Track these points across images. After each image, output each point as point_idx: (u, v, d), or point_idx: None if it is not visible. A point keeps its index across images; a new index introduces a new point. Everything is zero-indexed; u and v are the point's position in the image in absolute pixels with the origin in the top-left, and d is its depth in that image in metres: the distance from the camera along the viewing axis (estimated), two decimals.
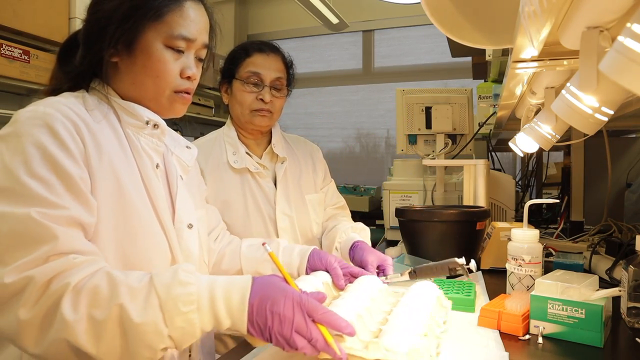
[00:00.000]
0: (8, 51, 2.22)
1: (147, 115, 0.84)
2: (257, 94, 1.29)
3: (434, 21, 0.95)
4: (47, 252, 0.63)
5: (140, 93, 0.83)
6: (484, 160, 1.69)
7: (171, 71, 0.82)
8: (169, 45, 0.82)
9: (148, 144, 0.85)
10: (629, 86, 0.42)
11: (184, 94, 0.85)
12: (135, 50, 0.81)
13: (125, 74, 0.83)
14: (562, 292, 0.87)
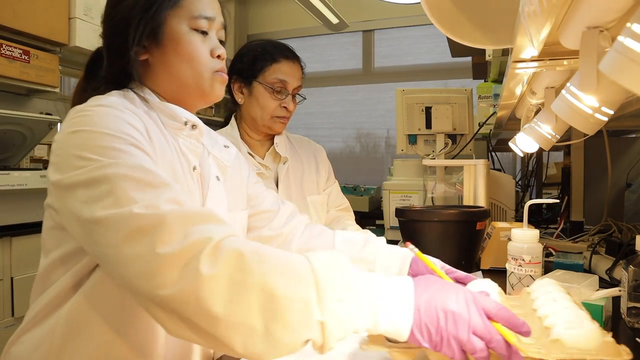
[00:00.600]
0: (8, 51, 2.22)
1: (185, 115, 0.83)
2: (281, 101, 1.29)
3: (433, 21, 0.95)
4: (172, 195, 0.60)
5: (180, 83, 0.82)
6: (484, 160, 1.69)
7: (202, 52, 0.82)
8: (194, 27, 0.81)
9: (187, 146, 0.83)
10: (629, 86, 0.42)
11: (221, 73, 0.85)
12: (163, 41, 0.80)
13: (159, 67, 0.82)
14: None
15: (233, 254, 0.54)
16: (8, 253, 2.03)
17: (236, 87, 1.32)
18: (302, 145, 1.46)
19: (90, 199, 0.60)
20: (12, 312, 2.06)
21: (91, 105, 0.70)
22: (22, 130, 2.29)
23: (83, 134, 0.66)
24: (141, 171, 0.62)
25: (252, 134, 1.34)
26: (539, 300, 0.70)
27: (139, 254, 0.55)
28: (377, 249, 0.98)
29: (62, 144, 0.67)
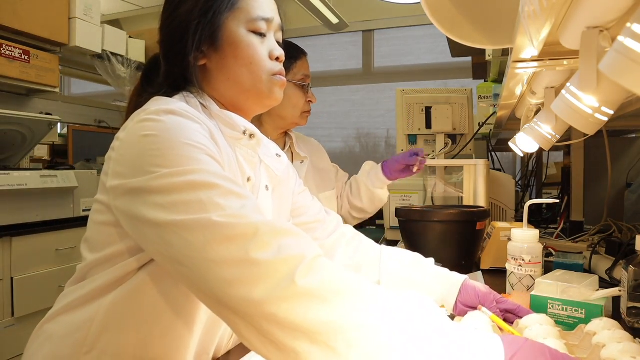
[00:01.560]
0: (8, 51, 2.22)
1: (244, 124, 0.81)
2: (306, 96, 1.33)
3: (434, 21, 0.95)
4: (255, 206, 0.60)
5: (238, 87, 0.80)
6: (484, 160, 1.69)
7: (261, 55, 0.80)
8: (252, 30, 0.80)
9: (243, 155, 0.82)
10: (629, 86, 0.42)
11: (280, 76, 0.83)
12: (222, 44, 0.78)
13: (217, 72, 0.80)
14: (562, 292, 0.87)
15: (328, 276, 0.53)
16: (8, 253, 2.03)
17: None
18: (307, 142, 1.48)
19: (171, 203, 0.59)
20: (12, 312, 2.06)
21: (163, 111, 0.68)
22: (22, 130, 2.29)
23: (158, 140, 0.63)
24: (223, 180, 0.61)
25: (273, 132, 1.35)
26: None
27: (232, 259, 0.54)
28: (426, 270, 0.96)
29: (131, 146, 0.65)
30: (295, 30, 4.50)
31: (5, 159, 2.41)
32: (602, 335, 0.71)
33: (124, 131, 0.69)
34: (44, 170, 2.26)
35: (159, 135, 0.64)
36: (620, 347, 0.66)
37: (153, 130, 0.64)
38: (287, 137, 1.40)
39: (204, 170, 0.61)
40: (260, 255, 0.53)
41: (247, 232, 0.55)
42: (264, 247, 0.54)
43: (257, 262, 0.53)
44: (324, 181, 1.42)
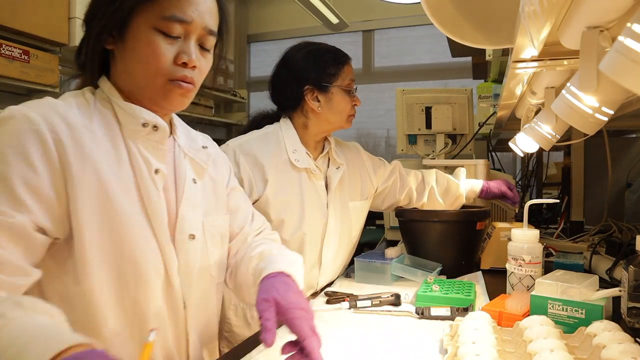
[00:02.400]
0: (8, 51, 2.22)
1: (145, 117, 0.77)
2: (352, 100, 1.33)
3: (434, 21, 0.94)
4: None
5: (133, 82, 0.77)
6: (484, 160, 1.69)
7: (161, 56, 0.74)
8: (161, 29, 0.74)
9: (147, 148, 0.78)
10: (629, 86, 0.41)
11: (180, 82, 0.77)
12: (126, 35, 0.75)
13: (119, 62, 0.77)
14: (562, 292, 0.87)
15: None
16: None
17: (310, 96, 1.29)
18: (345, 147, 1.46)
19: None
20: None
21: (5, 117, 0.69)
22: None
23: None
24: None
25: (316, 135, 1.34)
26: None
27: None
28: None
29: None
30: (295, 30, 4.50)
31: None
32: (603, 336, 0.71)
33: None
34: None
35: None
36: (620, 347, 0.66)
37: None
38: (326, 142, 1.38)
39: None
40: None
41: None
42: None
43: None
44: (355, 190, 1.40)
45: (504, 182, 1.59)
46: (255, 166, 1.23)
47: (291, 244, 1.24)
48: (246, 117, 4.26)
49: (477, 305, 1.03)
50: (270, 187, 1.22)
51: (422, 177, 1.56)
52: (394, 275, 1.30)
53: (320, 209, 1.30)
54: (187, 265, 0.81)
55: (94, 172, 0.71)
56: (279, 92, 1.34)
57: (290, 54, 1.34)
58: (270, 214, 1.22)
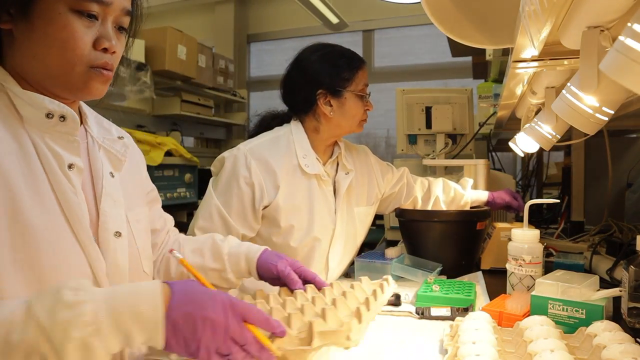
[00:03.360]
0: None
1: (48, 106, 0.68)
2: (365, 105, 1.32)
3: (434, 21, 0.94)
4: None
5: (45, 70, 0.67)
6: (484, 160, 1.69)
7: (81, 41, 0.66)
8: (77, 9, 0.65)
9: (56, 141, 0.69)
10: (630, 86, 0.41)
11: (102, 70, 0.69)
12: (32, 14, 0.65)
13: (23, 45, 0.67)
14: (562, 292, 0.87)
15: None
16: None
17: (323, 101, 1.27)
18: (354, 151, 1.46)
19: None
20: None
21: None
22: None
23: None
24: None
25: (327, 139, 1.33)
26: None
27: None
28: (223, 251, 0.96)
29: None
30: (295, 30, 4.50)
31: None
32: (603, 336, 0.71)
33: None
34: None
35: None
36: (621, 348, 0.65)
37: None
38: (335, 147, 1.38)
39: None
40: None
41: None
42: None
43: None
44: (361, 196, 1.40)
45: (508, 193, 1.58)
46: (266, 171, 1.21)
47: (299, 250, 1.24)
48: (246, 117, 4.26)
49: (478, 306, 1.03)
50: (281, 193, 1.21)
51: (429, 186, 1.55)
52: (394, 275, 1.29)
53: (329, 215, 1.30)
54: (116, 265, 0.74)
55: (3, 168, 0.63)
56: (290, 94, 1.33)
57: (304, 56, 1.32)
58: (279, 220, 1.22)
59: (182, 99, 3.45)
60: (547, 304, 0.87)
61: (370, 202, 1.43)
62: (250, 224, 1.21)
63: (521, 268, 1.04)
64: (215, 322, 0.56)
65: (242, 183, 1.19)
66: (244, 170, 1.19)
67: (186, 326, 0.55)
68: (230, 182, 1.20)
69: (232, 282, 0.95)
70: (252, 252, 0.94)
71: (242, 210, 1.19)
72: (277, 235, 1.23)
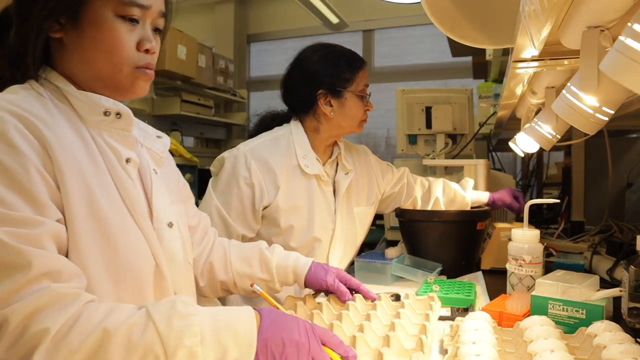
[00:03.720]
0: None
1: (105, 104, 0.73)
2: (365, 105, 1.32)
3: (434, 21, 0.94)
4: (19, 280, 0.55)
5: (94, 73, 0.72)
6: (484, 160, 1.69)
7: (126, 44, 0.71)
8: (121, 14, 0.70)
9: (113, 137, 0.74)
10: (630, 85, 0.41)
11: (145, 69, 0.74)
12: (81, 22, 0.69)
13: (73, 51, 0.71)
14: (562, 292, 0.87)
15: (74, 346, 0.54)
16: None
17: (323, 101, 1.27)
18: (353, 151, 1.46)
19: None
20: None
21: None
22: None
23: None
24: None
25: (326, 139, 1.33)
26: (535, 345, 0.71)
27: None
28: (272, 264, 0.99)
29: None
30: (295, 30, 4.50)
31: None
32: (603, 336, 0.71)
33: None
34: None
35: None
36: (621, 348, 0.65)
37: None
38: (335, 147, 1.37)
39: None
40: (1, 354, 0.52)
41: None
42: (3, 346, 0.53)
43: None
44: (361, 196, 1.40)
45: (509, 194, 1.57)
46: (267, 172, 1.21)
47: (299, 250, 1.23)
48: (246, 117, 4.26)
49: (478, 306, 1.03)
50: (281, 194, 1.21)
51: (429, 186, 1.55)
52: (394, 275, 1.29)
53: (328, 215, 1.30)
54: (172, 254, 0.79)
55: (74, 166, 0.67)
56: (291, 93, 1.32)
57: (304, 56, 1.31)
58: (279, 221, 1.22)
59: (182, 99, 3.45)
60: (547, 304, 0.87)
61: (370, 202, 1.43)
62: (250, 225, 1.21)
63: (521, 268, 1.04)
64: (300, 343, 0.63)
65: (242, 183, 1.19)
66: (244, 171, 1.19)
67: (275, 346, 0.62)
68: (230, 183, 1.20)
69: (277, 290, 1.00)
70: (300, 266, 1.00)
71: (242, 210, 1.19)
72: (277, 236, 1.23)
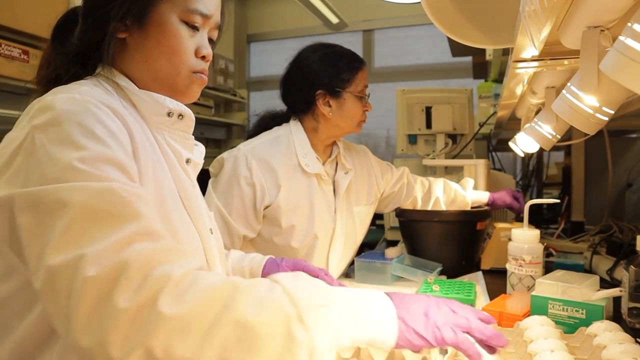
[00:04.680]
0: (7, 51, 2.22)
1: (169, 105, 0.75)
2: (364, 106, 1.31)
3: (434, 21, 0.94)
4: (131, 230, 0.53)
5: (154, 73, 0.74)
6: (485, 160, 1.68)
7: (187, 48, 0.74)
8: (185, 20, 0.74)
9: (174, 138, 0.76)
10: (630, 85, 0.41)
11: (201, 74, 0.77)
12: (147, 24, 0.72)
13: (135, 51, 0.74)
14: (562, 292, 0.87)
15: (195, 292, 0.51)
16: None
17: (322, 101, 1.27)
18: (352, 151, 1.46)
19: (41, 232, 0.53)
20: None
21: (61, 100, 0.60)
22: None
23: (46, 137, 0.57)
24: (105, 200, 0.54)
25: (325, 140, 1.33)
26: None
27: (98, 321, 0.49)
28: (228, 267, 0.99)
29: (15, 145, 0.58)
30: (295, 30, 4.50)
31: None
32: (603, 336, 0.71)
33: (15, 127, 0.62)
34: None
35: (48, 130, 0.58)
36: (621, 348, 0.65)
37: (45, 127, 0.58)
38: (334, 146, 1.37)
39: (84, 187, 0.55)
40: (124, 303, 0.49)
41: (110, 279, 0.50)
42: (128, 287, 0.50)
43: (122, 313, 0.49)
44: (361, 195, 1.40)
45: (509, 194, 1.57)
46: (267, 172, 1.21)
47: (300, 250, 1.24)
48: (246, 117, 4.26)
49: (478, 306, 1.03)
50: (282, 193, 1.21)
51: (429, 186, 1.54)
52: (394, 275, 1.29)
53: (329, 215, 1.30)
54: (213, 259, 0.80)
55: (148, 161, 0.69)
56: (290, 93, 1.32)
57: (304, 56, 1.31)
58: (280, 220, 1.22)
59: None
60: (547, 304, 0.87)
61: (370, 201, 1.43)
62: (251, 225, 1.21)
63: (521, 268, 1.04)
64: (439, 304, 0.60)
65: (243, 183, 1.19)
66: (244, 171, 1.19)
67: (417, 318, 0.58)
68: (231, 183, 1.20)
69: None
70: (255, 265, 0.99)
71: (243, 210, 1.19)
72: (278, 236, 1.23)
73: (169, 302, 0.49)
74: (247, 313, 0.50)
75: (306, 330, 0.51)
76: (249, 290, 0.52)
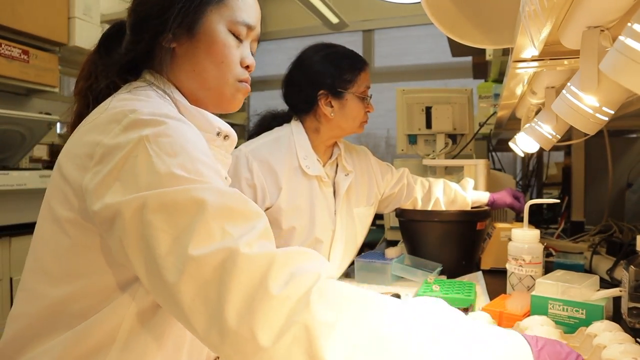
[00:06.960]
0: (7, 51, 2.22)
1: (219, 125, 0.76)
2: (366, 107, 1.31)
3: (434, 21, 0.94)
4: (262, 228, 0.57)
5: (202, 82, 0.77)
6: (484, 160, 1.68)
7: (234, 57, 0.77)
8: (232, 31, 0.77)
9: (216, 156, 0.76)
10: (630, 85, 0.41)
11: (245, 84, 0.80)
12: (197, 34, 0.75)
13: (184, 60, 0.76)
14: (562, 292, 0.87)
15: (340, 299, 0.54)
16: (7, 253, 2.03)
17: (324, 101, 1.27)
18: (353, 152, 1.45)
19: (176, 229, 0.55)
20: None
21: (155, 114, 0.62)
22: (22, 130, 2.29)
23: (157, 147, 0.59)
24: (234, 199, 0.57)
25: (327, 140, 1.32)
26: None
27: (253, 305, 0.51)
28: None
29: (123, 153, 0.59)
30: (295, 30, 4.50)
31: (5, 158, 2.41)
32: (603, 336, 0.71)
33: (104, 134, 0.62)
34: (43, 170, 2.26)
35: (158, 140, 0.60)
36: (621, 348, 0.65)
37: (154, 138, 0.60)
38: (335, 147, 1.37)
39: (212, 189, 0.58)
40: (277, 290, 0.52)
41: (262, 265, 0.53)
42: (278, 278, 0.53)
43: (274, 296, 0.51)
44: (361, 197, 1.39)
45: (510, 194, 1.57)
46: (268, 173, 1.21)
47: None
48: (247, 118, 4.26)
49: (478, 306, 1.03)
50: (283, 195, 1.21)
51: (429, 187, 1.54)
52: (394, 275, 1.29)
53: (329, 216, 1.30)
54: None
55: None
56: (291, 93, 1.32)
57: (306, 56, 1.31)
58: (281, 222, 1.21)
59: None
60: (547, 304, 0.87)
61: (370, 202, 1.43)
62: None
63: (521, 268, 1.04)
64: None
65: (244, 184, 1.19)
66: (245, 172, 1.19)
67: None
68: (232, 184, 1.19)
69: None
70: None
71: None
72: (278, 238, 1.23)
73: (318, 301, 0.52)
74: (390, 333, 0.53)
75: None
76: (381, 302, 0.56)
